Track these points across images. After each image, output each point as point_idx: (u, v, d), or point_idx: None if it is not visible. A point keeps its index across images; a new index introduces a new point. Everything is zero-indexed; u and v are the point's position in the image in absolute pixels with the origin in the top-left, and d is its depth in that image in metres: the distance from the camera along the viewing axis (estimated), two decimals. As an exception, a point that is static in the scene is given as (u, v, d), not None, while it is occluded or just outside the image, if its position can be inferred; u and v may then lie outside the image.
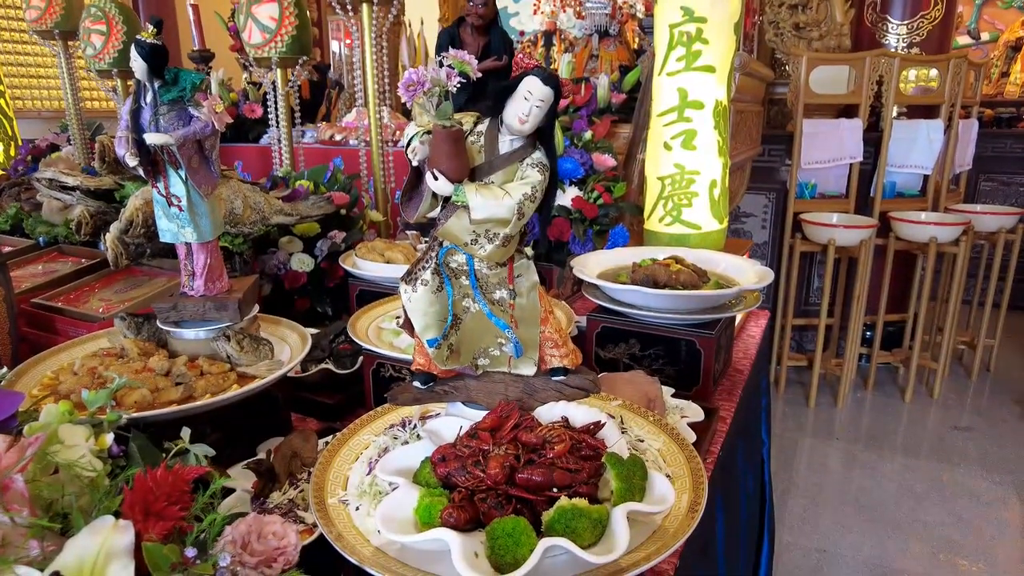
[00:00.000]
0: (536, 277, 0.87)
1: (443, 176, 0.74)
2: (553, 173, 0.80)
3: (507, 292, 0.86)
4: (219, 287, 1.24)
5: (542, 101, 0.76)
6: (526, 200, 0.77)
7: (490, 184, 0.78)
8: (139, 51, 1.07)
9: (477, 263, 0.84)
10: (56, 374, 1.16)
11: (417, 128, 0.78)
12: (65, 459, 0.68)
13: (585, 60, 3.46)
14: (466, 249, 0.81)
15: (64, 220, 1.80)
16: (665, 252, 1.73)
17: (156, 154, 1.12)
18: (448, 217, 0.78)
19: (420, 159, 0.76)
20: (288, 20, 2.24)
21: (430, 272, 0.85)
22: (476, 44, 1.36)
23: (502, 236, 0.78)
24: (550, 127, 0.79)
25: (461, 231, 0.79)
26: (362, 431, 0.94)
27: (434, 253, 0.85)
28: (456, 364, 0.90)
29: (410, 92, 0.72)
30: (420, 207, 0.80)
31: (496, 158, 0.79)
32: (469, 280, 0.86)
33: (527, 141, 0.80)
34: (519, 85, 0.76)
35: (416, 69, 0.72)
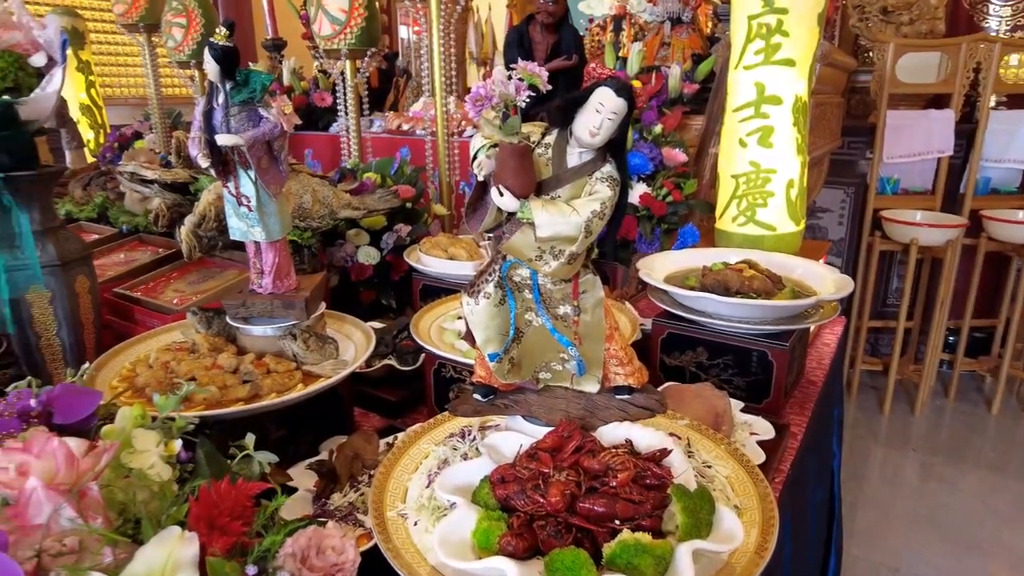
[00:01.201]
0: (602, 293, 0.84)
1: (508, 192, 0.72)
2: (624, 187, 0.77)
3: (571, 308, 0.83)
4: (287, 285, 1.25)
5: (614, 113, 0.72)
6: (594, 217, 0.74)
7: (557, 200, 0.75)
8: (212, 53, 1.09)
9: (541, 278, 0.82)
10: (133, 366, 1.21)
11: (483, 141, 0.75)
12: (137, 465, 0.70)
13: (656, 48, 3.35)
14: (530, 265, 0.79)
15: (144, 211, 1.87)
16: (737, 255, 1.66)
17: (227, 154, 1.14)
18: (513, 232, 0.76)
19: (486, 174, 0.74)
20: (357, 12, 2.25)
21: (493, 285, 0.83)
22: (545, 42, 1.33)
23: (568, 254, 0.76)
24: (622, 139, 0.75)
25: (526, 247, 0.76)
26: (422, 439, 0.94)
27: (497, 266, 0.83)
28: (517, 378, 0.88)
29: (477, 107, 0.70)
30: (485, 220, 0.78)
31: (564, 171, 0.76)
32: (532, 294, 0.83)
33: (597, 154, 0.76)
34: (590, 96, 0.72)
35: (484, 83, 0.69)
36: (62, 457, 0.64)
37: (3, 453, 0.64)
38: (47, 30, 1.17)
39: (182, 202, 1.67)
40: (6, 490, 0.61)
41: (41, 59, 1.16)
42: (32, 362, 1.30)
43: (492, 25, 5.30)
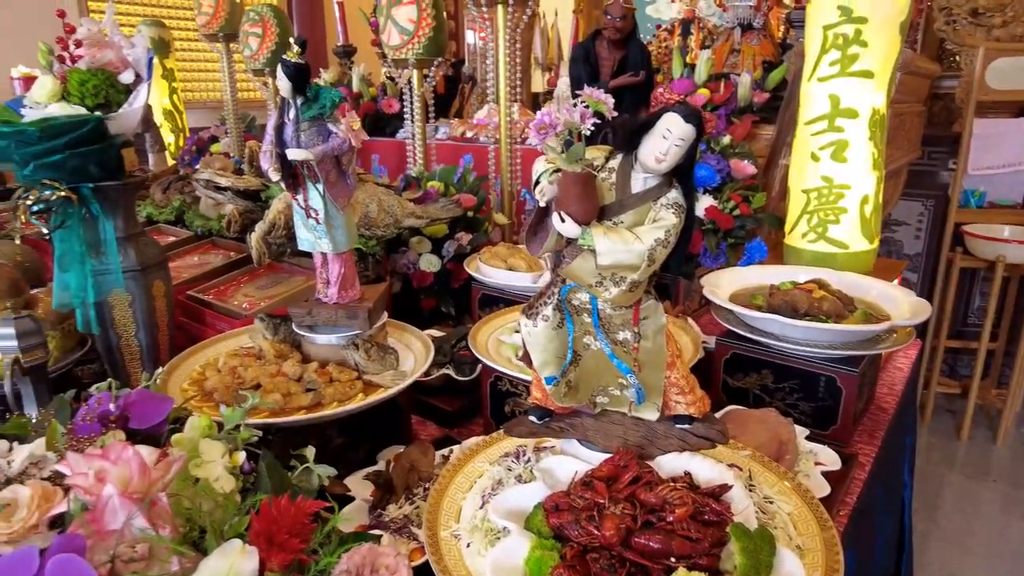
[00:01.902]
0: (664, 320, 0.82)
1: (570, 218, 0.71)
2: (690, 214, 0.75)
3: (631, 334, 0.82)
4: (351, 295, 1.28)
5: (682, 140, 0.70)
6: (658, 246, 0.72)
7: (619, 226, 0.74)
8: (284, 70, 1.12)
9: (601, 303, 0.81)
10: (203, 369, 1.26)
11: (546, 166, 0.75)
12: (203, 475, 0.73)
13: (725, 55, 3.27)
14: (590, 291, 0.78)
15: (218, 215, 1.95)
16: (807, 273, 1.60)
17: (297, 168, 1.17)
18: (574, 257, 0.75)
19: (548, 199, 0.74)
20: (426, 22, 2.28)
21: (551, 308, 0.83)
22: (612, 58, 1.31)
23: (629, 281, 0.74)
24: (689, 165, 0.73)
25: (586, 273, 0.75)
26: (476, 457, 0.94)
27: (556, 289, 0.82)
28: (574, 402, 0.88)
29: (542, 135, 0.69)
30: (545, 243, 0.77)
31: (628, 197, 0.75)
32: (591, 319, 0.82)
33: (663, 179, 0.75)
34: (658, 122, 0.71)
35: (548, 111, 0.69)
36: (136, 466, 0.67)
37: (84, 459, 0.67)
38: (136, 48, 1.23)
39: (253, 208, 1.73)
40: (85, 496, 0.65)
41: (129, 76, 1.22)
42: (112, 361, 1.37)
43: (558, 31, 5.29)
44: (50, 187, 1.19)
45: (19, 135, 1.15)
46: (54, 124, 1.15)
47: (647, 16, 6.67)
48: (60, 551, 0.60)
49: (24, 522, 0.65)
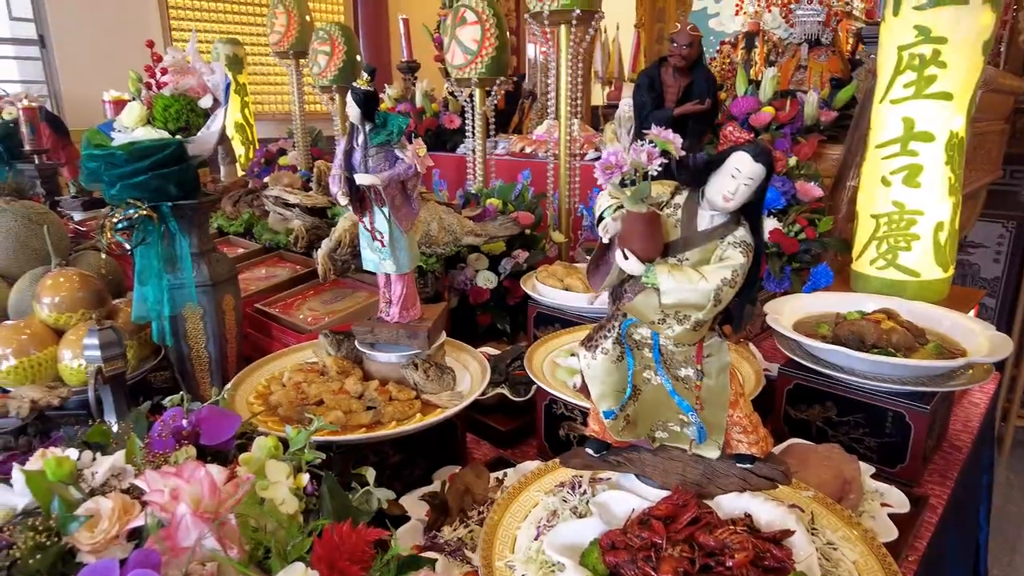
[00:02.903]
0: (728, 358, 0.81)
1: (634, 256, 0.71)
2: (758, 253, 0.73)
3: (694, 371, 0.81)
4: (412, 315, 1.31)
5: (751, 179, 0.69)
6: (724, 286, 0.71)
7: (684, 265, 0.73)
8: (354, 97, 1.15)
9: (663, 339, 0.80)
10: (268, 383, 1.30)
11: (609, 201, 0.75)
12: (268, 496, 0.75)
13: (791, 71, 3.19)
14: (652, 327, 0.77)
15: (285, 230, 2.02)
16: (875, 301, 1.55)
17: (364, 191, 1.21)
18: (636, 293, 0.75)
19: (611, 235, 0.73)
20: (489, 42, 2.31)
21: (611, 341, 0.82)
22: (677, 86, 1.30)
23: (693, 320, 0.73)
24: (758, 203, 0.72)
25: (649, 310, 0.75)
26: (531, 487, 0.94)
27: (617, 323, 0.82)
28: (632, 436, 0.87)
29: (608, 174, 0.69)
30: (608, 278, 0.77)
31: (694, 234, 0.74)
32: (652, 354, 0.82)
33: (730, 217, 0.74)
34: (727, 160, 0.70)
35: (615, 150, 0.69)
36: (207, 485, 0.70)
37: (160, 476, 0.71)
38: (215, 75, 1.30)
39: (320, 225, 1.78)
40: (161, 512, 0.68)
41: (208, 101, 1.28)
42: (183, 370, 1.43)
43: (619, 44, 5.27)
44: (134, 206, 1.26)
45: (109, 158, 1.22)
46: (139, 147, 1.21)
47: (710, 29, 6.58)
48: (138, 566, 0.63)
49: (106, 533, 0.69)
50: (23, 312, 1.55)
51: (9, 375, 1.33)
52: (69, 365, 1.33)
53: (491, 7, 2.32)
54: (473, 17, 2.30)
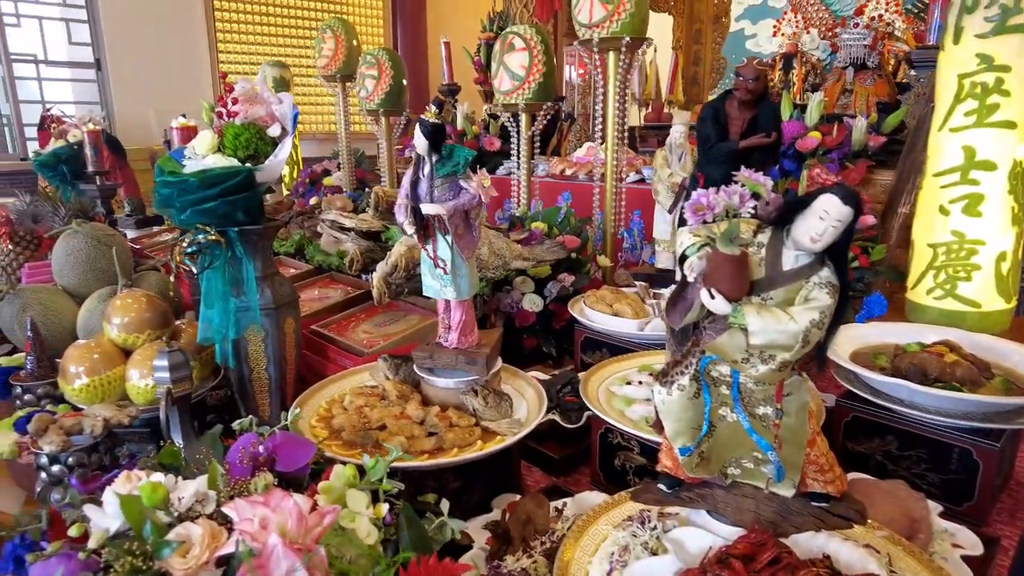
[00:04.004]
0: (807, 397, 0.80)
1: (721, 296, 0.71)
2: (843, 293, 0.73)
3: (773, 410, 0.80)
4: (470, 341, 1.32)
5: (839, 221, 0.69)
6: (813, 327, 0.71)
7: (770, 305, 0.73)
8: (422, 129, 1.18)
9: (743, 376, 0.80)
10: (329, 406, 1.32)
11: (692, 240, 0.75)
12: (350, 525, 0.77)
13: (837, 95, 3.17)
14: (734, 366, 0.77)
15: (337, 251, 2.06)
16: (935, 333, 1.52)
17: (428, 220, 1.23)
18: (718, 331, 0.75)
19: (697, 275, 0.74)
20: (536, 68, 2.34)
21: (688, 378, 0.82)
22: (742, 118, 1.31)
23: (780, 361, 0.73)
24: (844, 243, 0.72)
25: (733, 349, 0.75)
26: (599, 520, 0.94)
27: (694, 360, 0.82)
28: (705, 472, 0.87)
29: (698, 216, 0.70)
30: (687, 315, 0.77)
31: (779, 274, 0.74)
32: (731, 391, 0.81)
33: (815, 257, 0.74)
34: (814, 202, 0.70)
35: (706, 192, 0.69)
36: (295, 515, 0.71)
37: (248, 505, 0.73)
38: (283, 105, 1.33)
39: (373, 248, 1.81)
40: (252, 542, 0.69)
41: (276, 130, 1.32)
42: (243, 391, 1.46)
43: (657, 67, 5.29)
44: (202, 231, 1.30)
45: (182, 184, 1.27)
46: (211, 174, 1.25)
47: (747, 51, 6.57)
48: (235, 595, 0.65)
49: (197, 559, 0.71)
50: (91, 330, 1.60)
51: (81, 393, 1.37)
52: (137, 385, 1.37)
53: (539, 34, 2.35)
54: (521, 44, 2.34)
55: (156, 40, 5.57)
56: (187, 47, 5.76)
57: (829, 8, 6.12)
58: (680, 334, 1.25)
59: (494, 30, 4.55)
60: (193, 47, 5.80)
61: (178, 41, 5.71)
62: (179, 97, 5.57)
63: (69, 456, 1.21)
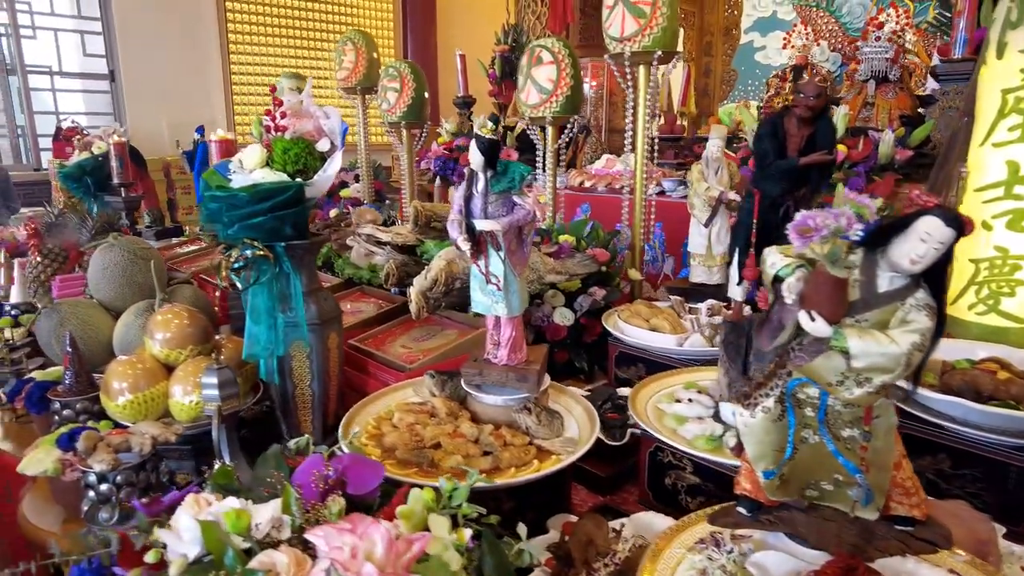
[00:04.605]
0: (895, 419, 0.79)
1: (821, 318, 0.70)
2: (940, 314, 0.72)
3: (860, 432, 0.79)
4: (519, 358, 1.30)
5: (941, 243, 0.68)
6: (915, 350, 0.69)
7: (866, 327, 0.72)
8: (479, 145, 1.17)
9: (831, 398, 0.78)
10: (377, 423, 1.30)
11: (785, 261, 0.74)
12: (435, 552, 0.75)
13: (858, 108, 3.18)
14: (828, 389, 0.76)
15: (368, 265, 2.04)
16: (984, 349, 1.51)
17: (481, 236, 1.22)
18: (814, 355, 0.74)
19: (796, 296, 0.72)
20: (564, 81, 2.34)
21: (773, 400, 0.81)
22: (800, 135, 1.30)
23: (878, 383, 0.72)
24: (943, 264, 0.71)
25: (828, 371, 0.74)
26: (673, 543, 0.92)
27: (781, 382, 0.81)
28: (785, 495, 0.85)
29: (805, 239, 0.69)
30: (778, 338, 0.76)
31: (873, 296, 0.73)
32: (817, 414, 0.80)
33: (910, 279, 0.72)
34: (914, 224, 0.69)
35: (812, 214, 0.68)
36: (385, 542, 0.70)
37: (336, 532, 0.71)
38: (331, 119, 1.33)
39: (408, 262, 1.80)
40: (344, 571, 0.68)
41: (325, 144, 1.31)
42: (286, 408, 1.44)
43: (669, 79, 5.30)
44: (250, 246, 1.29)
45: (231, 199, 1.26)
46: (262, 189, 1.24)
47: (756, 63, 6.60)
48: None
49: (284, 588, 0.69)
50: (128, 344, 1.59)
51: (125, 409, 1.35)
52: (180, 401, 1.35)
53: (566, 47, 2.35)
54: (549, 57, 2.33)
55: (169, 52, 5.59)
56: (200, 59, 5.78)
57: (839, 20, 6.15)
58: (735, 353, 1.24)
59: (508, 43, 4.57)
60: (206, 59, 5.81)
61: (191, 53, 5.73)
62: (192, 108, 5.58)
63: (117, 475, 1.20)
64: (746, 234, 1.48)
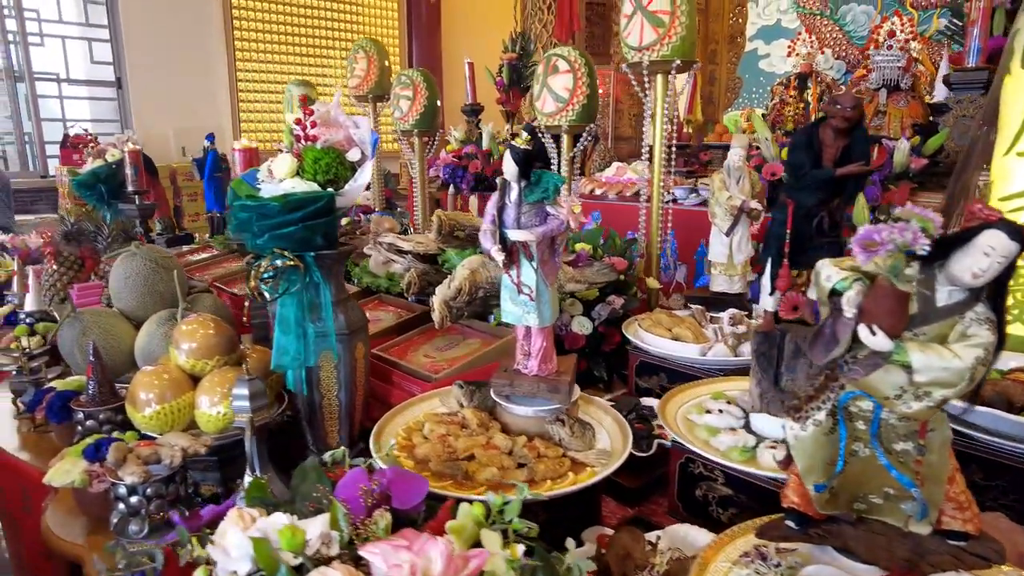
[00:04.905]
0: (949, 432, 0.78)
1: (882, 332, 0.69)
2: (1000, 328, 0.71)
3: (914, 446, 0.78)
4: (549, 368, 1.30)
5: (1004, 257, 0.68)
6: (979, 364, 0.69)
7: (926, 341, 0.72)
8: (514, 156, 1.17)
9: (885, 412, 0.78)
10: (407, 434, 1.29)
11: (842, 274, 0.73)
12: (489, 568, 0.74)
13: (870, 116, 3.18)
14: (884, 403, 0.75)
15: (385, 273, 2.04)
16: (1010, 359, 1.50)
17: (513, 246, 1.21)
18: (871, 368, 0.73)
19: (856, 310, 0.72)
20: (580, 90, 2.35)
21: (825, 413, 0.81)
22: (836, 146, 1.31)
23: (938, 398, 0.71)
24: (1005, 278, 0.70)
25: (886, 385, 0.73)
26: (718, 558, 0.91)
27: (833, 395, 0.80)
28: (834, 509, 0.84)
29: (869, 253, 0.68)
30: (834, 351, 0.75)
31: (931, 310, 0.72)
32: (869, 427, 0.79)
33: (969, 292, 0.72)
34: (977, 238, 0.69)
35: (877, 227, 0.68)
36: (444, 559, 0.69)
37: (392, 549, 0.70)
38: (361, 129, 1.32)
39: (429, 271, 1.80)
40: (403, 588, 0.67)
41: (356, 154, 1.31)
42: (312, 419, 1.43)
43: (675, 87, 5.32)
44: (280, 256, 1.28)
45: (261, 208, 1.25)
46: (294, 199, 1.24)
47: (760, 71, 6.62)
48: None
49: (340, 606, 0.68)
50: (151, 354, 1.58)
51: (151, 420, 1.34)
52: (208, 412, 1.34)
53: (582, 56, 2.36)
54: (565, 66, 2.34)
55: (175, 59, 5.60)
56: (205, 66, 5.79)
57: (843, 29, 6.18)
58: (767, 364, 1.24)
59: (516, 51, 4.58)
60: (211, 66, 5.82)
61: (197, 60, 5.73)
62: (197, 115, 5.59)
63: (148, 487, 1.19)
64: (779, 244, 1.48)
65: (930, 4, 5.56)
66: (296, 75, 6.00)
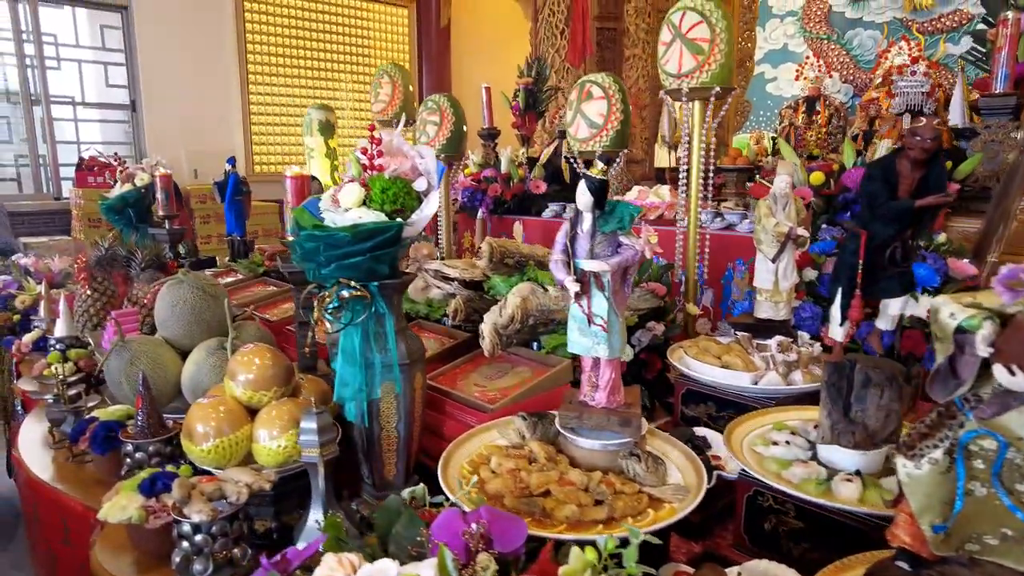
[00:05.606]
0: (1076, 473, 0.76)
1: (1021, 372, 0.68)
2: None
3: (1040, 487, 0.76)
4: (617, 400, 1.28)
5: None
6: (1122, 408, 0.68)
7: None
8: (589, 186, 1.16)
9: (1012, 452, 0.76)
10: (473, 468, 1.27)
11: (968, 311, 0.72)
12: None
13: (894, 142, 3.20)
14: (1016, 443, 0.73)
15: (424, 299, 2.02)
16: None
17: (584, 276, 1.20)
18: (1006, 409, 0.72)
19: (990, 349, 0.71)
20: (615, 116, 2.35)
21: (942, 452, 0.79)
22: (912, 177, 1.31)
23: (1078, 439, 0.70)
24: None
25: (1020, 426, 0.72)
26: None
27: (952, 434, 0.78)
28: (948, 549, 0.82)
29: (1015, 293, 0.67)
30: (958, 390, 0.74)
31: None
32: (992, 467, 0.78)
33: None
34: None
35: (1021, 267, 0.67)
36: (574, 608, 0.67)
37: (519, 597, 0.68)
38: (426, 160, 1.32)
39: (474, 298, 1.78)
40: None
41: (422, 184, 1.30)
42: (370, 451, 1.40)
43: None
44: (346, 286, 1.26)
45: (329, 239, 1.24)
46: (363, 229, 1.22)
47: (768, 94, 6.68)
48: None
49: (468, 659, 0.66)
50: (198, 384, 1.56)
51: (209, 455, 1.32)
52: (267, 446, 1.32)
53: (616, 83, 2.37)
54: (599, 93, 2.35)
55: (189, 83, 5.62)
56: (219, 90, 5.81)
57: (850, 53, 6.25)
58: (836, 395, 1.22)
59: (531, 75, 4.62)
60: (225, 90, 5.85)
61: (210, 84, 5.76)
62: (210, 138, 5.60)
63: (212, 525, 1.16)
64: (851, 274, 1.47)
65: (936, 29, 5.63)
66: (308, 99, 6.03)
